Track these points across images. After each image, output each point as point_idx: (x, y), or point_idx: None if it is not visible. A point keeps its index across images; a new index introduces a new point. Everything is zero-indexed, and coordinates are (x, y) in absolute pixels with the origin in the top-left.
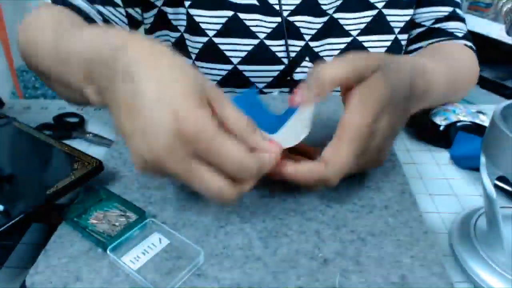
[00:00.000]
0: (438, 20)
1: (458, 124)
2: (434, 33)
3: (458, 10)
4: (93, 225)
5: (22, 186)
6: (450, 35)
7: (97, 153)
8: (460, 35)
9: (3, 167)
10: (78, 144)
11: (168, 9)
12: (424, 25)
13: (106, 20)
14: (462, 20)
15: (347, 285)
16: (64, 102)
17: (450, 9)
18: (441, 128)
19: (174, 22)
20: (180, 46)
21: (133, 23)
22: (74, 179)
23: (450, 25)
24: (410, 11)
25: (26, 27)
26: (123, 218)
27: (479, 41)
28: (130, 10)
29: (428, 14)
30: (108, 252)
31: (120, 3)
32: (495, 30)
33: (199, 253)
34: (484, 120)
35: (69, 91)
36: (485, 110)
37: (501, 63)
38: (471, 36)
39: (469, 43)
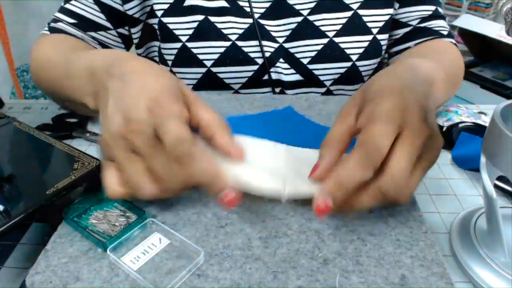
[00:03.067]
0: (424, 19)
1: (461, 125)
2: (421, 32)
3: (439, 9)
4: (93, 225)
5: (22, 186)
6: (436, 34)
7: (97, 153)
8: (445, 33)
9: (3, 167)
10: (78, 144)
11: (152, 20)
12: (410, 25)
13: (102, 44)
14: (444, 18)
15: (347, 285)
16: None
17: (433, 8)
18: (443, 129)
19: (157, 32)
20: (160, 55)
21: (126, 40)
22: (74, 179)
23: (435, 24)
24: (389, 11)
25: (37, 52)
26: (123, 218)
27: (479, 41)
28: (120, 30)
29: (413, 14)
30: (108, 252)
31: (110, 26)
32: (495, 30)
33: (199, 253)
34: (487, 121)
35: (71, 104)
36: (485, 110)
37: (501, 63)
38: (471, 36)
39: (453, 41)
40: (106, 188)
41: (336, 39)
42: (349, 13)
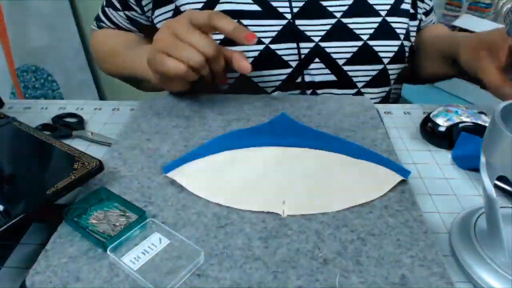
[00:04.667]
0: (431, 21)
1: (461, 125)
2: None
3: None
4: (93, 225)
5: (22, 186)
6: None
7: (97, 153)
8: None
9: (3, 167)
10: (78, 144)
11: None
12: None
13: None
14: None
15: (347, 285)
16: (64, 102)
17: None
18: (444, 129)
19: None
20: None
21: None
22: (74, 179)
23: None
24: (407, 19)
25: (102, 45)
26: (123, 218)
27: None
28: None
29: (429, 21)
30: (108, 252)
31: (142, 35)
32: None
33: (199, 253)
34: (487, 121)
35: (135, 81)
36: (485, 110)
37: None
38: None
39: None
40: (171, 68)
41: (370, 42)
42: (378, 19)
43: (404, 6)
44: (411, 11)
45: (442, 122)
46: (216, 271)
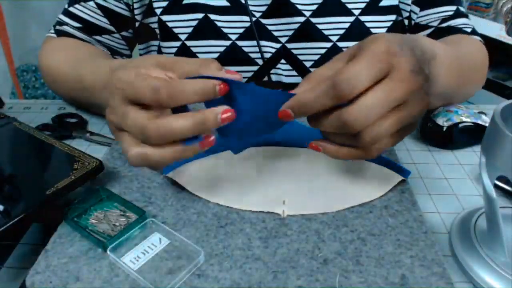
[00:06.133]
0: (445, 20)
1: (461, 125)
2: (444, 32)
3: (461, 8)
4: (93, 225)
5: (22, 186)
6: (459, 31)
7: (97, 153)
8: (468, 30)
9: (3, 167)
10: (78, 144)
11: (151, 19)
12: (431, 26)
13: (107, 46)
14: (466, 16)
15: (347, 285)
16: (64, 102)
17: (454, 7)
18: (444, 129)
19: (157, 31)
20: (160, 53)
21: (130, 42)
22: (74, 179)
23: (458, 22)
24: (393, 17)
25: (49, 60)
26: (123, 218)
27: None
28: (123, 33)
29: (433, 15)
30: (108, 252)
31: (113, 29)
32: (495, 30)
33: (199, 253)
34: (487, 121)
35: (89, 107)
36: (485, 110)
37: (501, 63)
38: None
39: (478, 38)
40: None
41: (340, 44)
42: (350, 18)
43: (386, 2)
44: (401, 6)
45: (442, 122)
46: (216, 271)
